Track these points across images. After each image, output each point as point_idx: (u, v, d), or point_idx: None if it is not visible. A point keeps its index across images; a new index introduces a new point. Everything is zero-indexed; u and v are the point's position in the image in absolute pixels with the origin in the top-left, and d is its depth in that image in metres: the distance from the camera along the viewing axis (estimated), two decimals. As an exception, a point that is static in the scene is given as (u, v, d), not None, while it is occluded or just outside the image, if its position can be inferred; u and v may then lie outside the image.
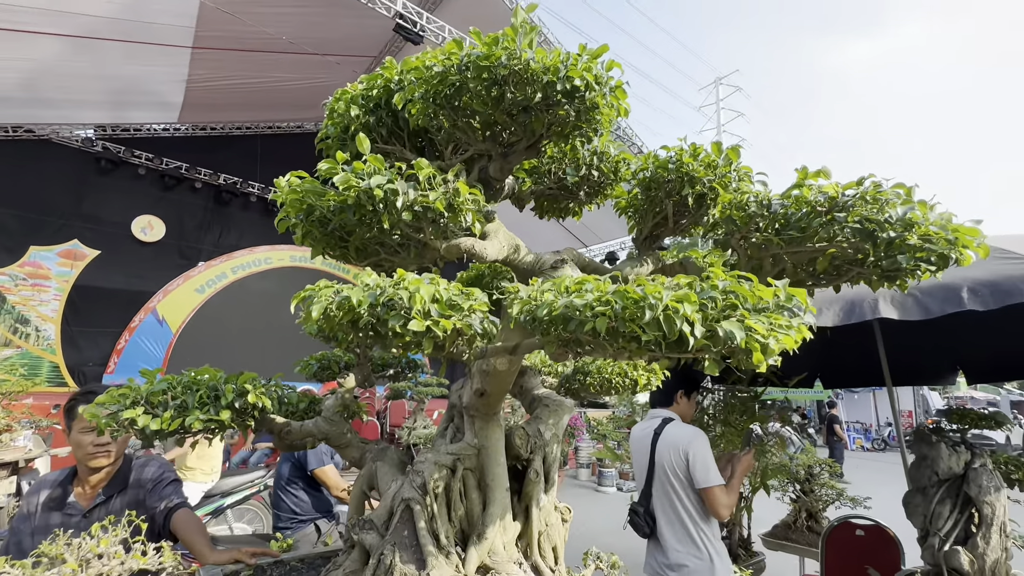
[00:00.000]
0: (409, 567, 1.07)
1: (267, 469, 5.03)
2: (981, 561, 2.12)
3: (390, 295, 0.74)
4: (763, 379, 3.94)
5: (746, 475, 2.50)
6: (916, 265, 0.92)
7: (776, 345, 0.65)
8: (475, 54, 0.95)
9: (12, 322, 11.73)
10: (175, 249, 11.91)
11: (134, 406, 1.06)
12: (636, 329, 0.63)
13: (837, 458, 12.17)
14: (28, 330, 11.93)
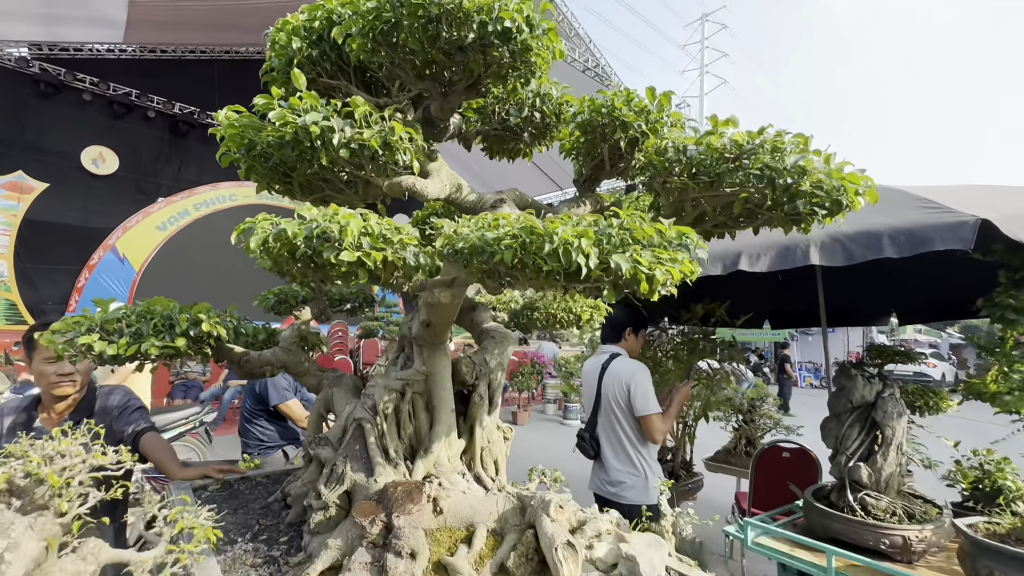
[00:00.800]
0: (359, 475, 1.19)
1: (202, 405, 5.13)
2: (878, 474, 2.43)
3: (323, 227, 0.80)
4: (715, 320, 4.17)
5: (683, 404, 2.75)
6: (813, 210, 1.02)
7: (662, 276, 0.75)
8: (410, -11, 0.95)
9: (-39, 257, 11.19)
10: (131, 183, 11.29)
11: (89, 333, 1.11)
12: (539, 260, 0.71)
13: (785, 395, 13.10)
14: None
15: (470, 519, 1.09)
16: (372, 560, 0.95)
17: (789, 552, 2.34)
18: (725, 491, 4.75)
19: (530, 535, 1.00)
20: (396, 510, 1.01)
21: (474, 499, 1.13)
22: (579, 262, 0.70)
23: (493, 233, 0.73)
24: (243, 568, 1.09)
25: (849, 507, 2.40)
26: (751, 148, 0.97)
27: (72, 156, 10.00)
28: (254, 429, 2.89)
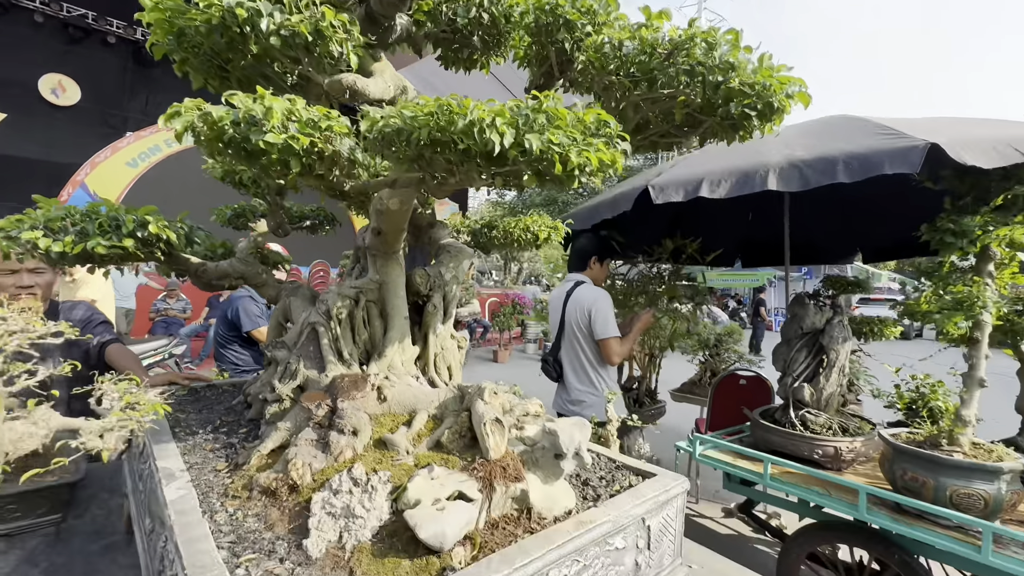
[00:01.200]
0: (312, 372, 1.26)
1: (171, 338, 5.19)
2: (819, 394, 2.59)
3: (249, 108, 0.81)
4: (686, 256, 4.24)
5: (643, 332, 2.87)
6: (745, 113, 1.04)
7: (577, 159, 0.78)
8: None
9: (-82, 193, 10.72)
10: (96, 116, 10.70)
11: (33, 230, 1.12)
12: (455, 138, 0.74)
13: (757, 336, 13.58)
14: (-61, 202, 10.97)
15: (413, 406, 1.17)
16: (317, 438, 1.03)
17: (732, 462, 2.53)
18: (688, 419, 5.02)
19: (465, 416, 1.08)
20: (342, 396, 1.08)
21: (418, 390, 1.21)
22: (493, 140, 0.72)
23: (411, 111, 0.75)
24: (202, 452, 1.17)
25: (790, 423, 2.58)
26: (683, 43, 0.97)
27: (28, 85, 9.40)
28: (228, 354, 2.96)
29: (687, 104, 1.10)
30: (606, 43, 1.02)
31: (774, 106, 1.04)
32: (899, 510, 1.99)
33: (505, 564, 0.77)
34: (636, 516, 1.00)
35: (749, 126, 1.12)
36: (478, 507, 0.87)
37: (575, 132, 0.76)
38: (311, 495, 0.89)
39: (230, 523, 0.87)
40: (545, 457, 0.99)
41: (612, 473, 1.19)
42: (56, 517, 1.45)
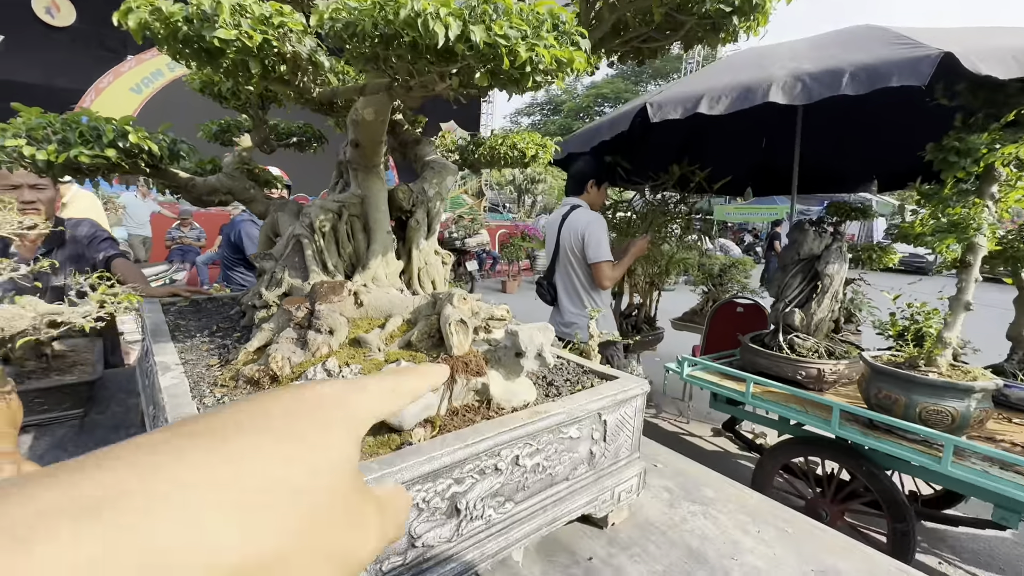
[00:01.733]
0: (296, 280, 1.32)
1: (170, 264, 5.35)
2: (810, 319, 2.63)
3: (199, 2, 0.80)
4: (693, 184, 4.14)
5: (636, 257, 2.89)
6: (721, 11, 0.99)
7: (527, 53, 0.76)
8: None
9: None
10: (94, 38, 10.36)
11: (16, 138, 1.15)
12: (399, 30, 0.73)
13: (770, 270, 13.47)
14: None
15: (388, 311, 1.24)
16: (297, 336, 1.11)
17: (718, 382, 2.63)
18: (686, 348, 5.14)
19: (434, 319, 1.15)
20: (320, 301, 1.15)
21: (394, 296, 1.27)
22: (437, 32, 0.71)
23: (356, 2, 0.73)
24: (198, 351, 1.26)
25: (778, 346, 2.64)
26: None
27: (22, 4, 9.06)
28: (235, 276, 3.07)
29: (663, 2, 1.05)
30: (575, -70, 0.96)
31: (752, 2, 0.99)
32: (871, 426, 2.09)
33: (459, 441, 0.86)
34: (592, 410, 1.08)
35: (729, 26, 1.07)
36: (439, 396, 0.94)
37: (524, 25, 0.74)
38: (289, 384, 0.98)
39: (216, 405, 0.96)
40: (507, 356, 1.05)
41: (579, 377, 1.26)
42: (79, 412, 1.60)
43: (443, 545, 0.85)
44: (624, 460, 1.21)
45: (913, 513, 2.11)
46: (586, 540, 1.17)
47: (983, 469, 1.75)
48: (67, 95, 12.54)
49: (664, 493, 1.42)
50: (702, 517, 1.32)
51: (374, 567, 0.76)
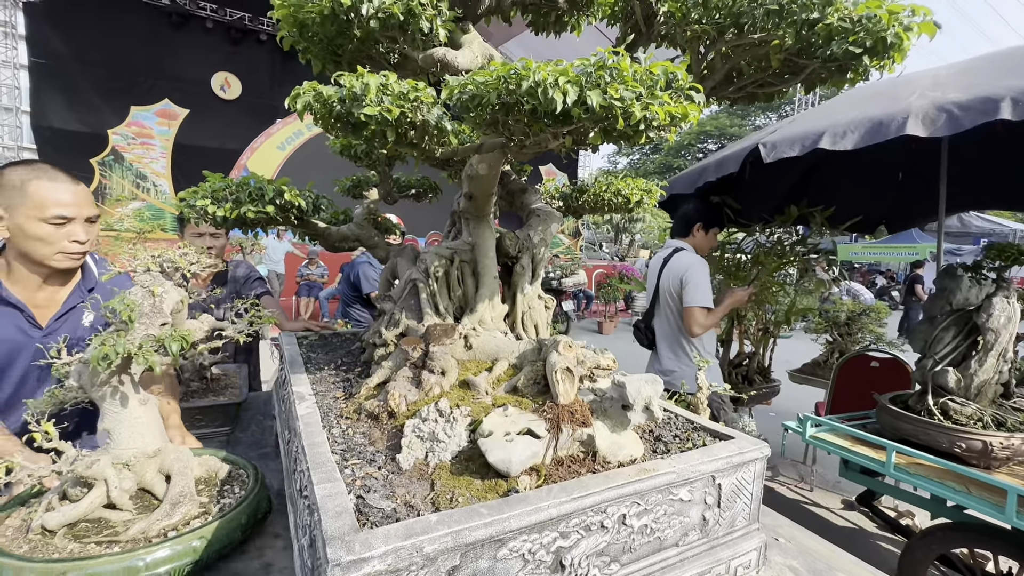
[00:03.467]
0: (411, 321, 1.42)
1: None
2: (969, 380, 2.24)
3: (351, 86, 0.94)
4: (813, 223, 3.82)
5: (735, 307, 2.68)
6: (851, 52, 0.94)
7: (641, 112, 0.78)
8: None
9: (133, 178, 13.45)
10: (252, 106, 12.37)
11: (204, 199, 1.40)
12: (521, 99, 0.79)
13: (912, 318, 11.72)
14: (147, 185, 13.66)
15: (495, 355, 1.28)
16: (412, 375, 1.19)
17: (850, 447, 2.32)
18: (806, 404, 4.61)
19: (540, 365, 1.16)
20: (434, 342, 1.22)
21: (500, 340, 1.31)
22: (556, 99, 0.76)
23: (482, 77, 0.81)
24: (326, 383, 1.40)
25: (927, 411, 2.28)
26: (770, -21, 0.90)
27: (203, 83, 11.16)
28: (352, 312, 3.38)
29: (782, 48, 1.02)
30: (688, -11, 0.98)
31: (887, 41, 0.92)
32: (1062, 517, 1.69)
33: (565, 493, 0.85)
34: (705, 472, 1.01)
35: (859, 67, 1.01)
36: (544, 444, 0.95)
37: (638, 86, 0.77)
38: (405, 421, 1.04)
39: (343, 436, 1.06)
40: (613, 407, 1.03)
41: (688, 433, 1.19)
42: (227, 429, 1.84)
43: (547, 602, 0.83)
44: (741, 530, 1.10)
45: None
46: (698, 617, 1.07)
47: None
48: (232, 155, 14.98)
49: (788, 573, 1.26)
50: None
51: (479, 615, 0.77)
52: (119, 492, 1.10)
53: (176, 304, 1.26)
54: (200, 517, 1.13)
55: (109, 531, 1.05)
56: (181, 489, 1.16)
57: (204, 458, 1.33)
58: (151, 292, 1.25)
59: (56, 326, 1.55)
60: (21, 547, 0.99)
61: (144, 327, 1.19)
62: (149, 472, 1.19)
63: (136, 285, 1.24)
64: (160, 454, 1.21)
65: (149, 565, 0.96)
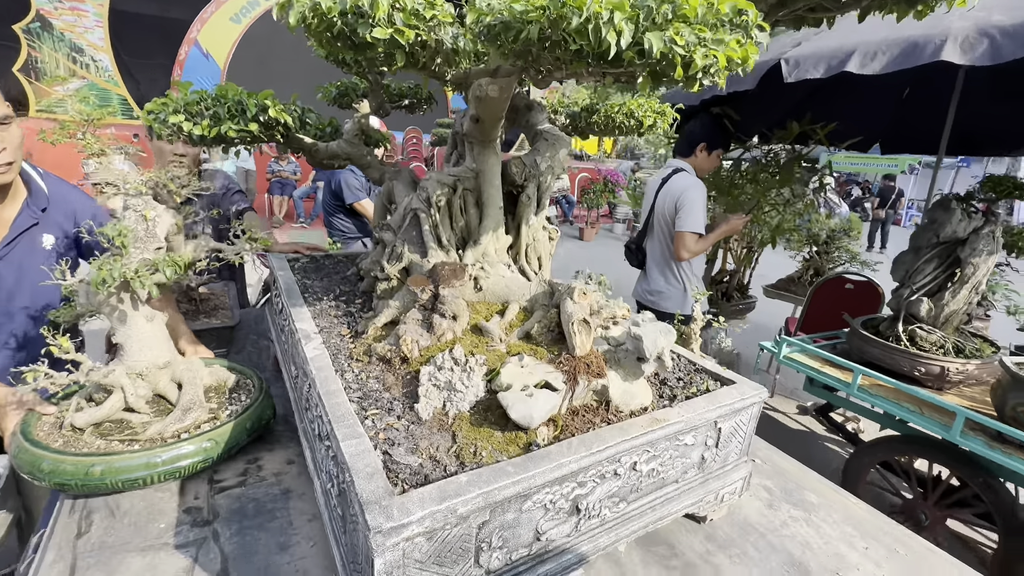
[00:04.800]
0: (415, 256, 1.37)
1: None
2: (939, 310, 2.36)
3: (355, 1, 0.78)
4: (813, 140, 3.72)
5: (728, 235, 2.68)
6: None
7: (703, 60, 0.68)
8: None
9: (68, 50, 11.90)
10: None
11: (176, 113, 1.24)
12: (567, 37, 0.67)
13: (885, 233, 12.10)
14: (86, 60, 12.15)
15: (506, 297, 1.26)
16: (422, 318, 1.16)
17: (819, 368, 2.48)
18: (777, 317, 4.85)
19: (554, 312, 1.15)
20: (443, 283, 1.18)
21: (511, 280, 1.28)
22: (609, 40, 0.65)
23: (521, 5, 0.68)
24: (328, 317, 1.37)
25: (895, 337, 2.42)
26: None
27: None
28: (335, 221, 3.25)
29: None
30: None
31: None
32: (999, 438, 1.90)
33: (583, 447, 0.88)
34: (709, 419, 1.06)
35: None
36: (562, 396, 0.96)
37: (703, 28, 0.66)
38: (419, 367, 1.04)
39: (357, 382, 1.05)
40: (628, 358, 1.04)
41: (691, 375, 1.23)
42: (223, 351, 1.82)
43: (563, 539, 0.90)
44: (732, 464, 1.19)
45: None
46: (684, 535, 1.20)
47: None
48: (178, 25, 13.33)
49: (763, 492, 1.40)
50: (804, 524, 1.29)
51: (504, 556, 0.83)
52: (135, 398, 1.18)
53: (171, 227, 1.22)
54: (209, 422, 1.21)
55: (130, 431, 1.15)
56: (191, 397, 1.22)
57: (214, 368, 1.39)
58: (143, 216, 1.17)
59: (6, 252, 1.45)
60: (56, 441, 1.08)
61: (139, 251, 1.15)
62: (162, 381, 1.25)
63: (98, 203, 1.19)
64: (171, 365, 1.24)
65: (165, 461, 1.08)
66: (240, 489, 1.20)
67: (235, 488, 1.20)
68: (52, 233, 1.42)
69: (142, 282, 1.08)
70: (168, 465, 1.08)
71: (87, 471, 1.02)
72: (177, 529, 1.07)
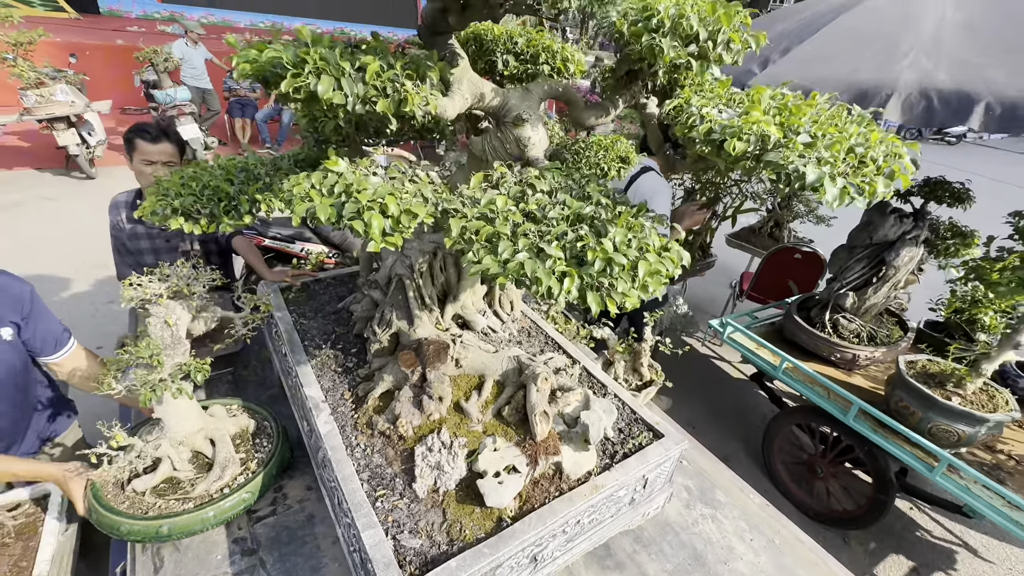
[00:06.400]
0: (402, 323, 1.57)
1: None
2: (862, 303, 2.71)
3: (349, 211, 0.92)
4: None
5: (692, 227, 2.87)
6: None
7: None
8: None
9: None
10: None
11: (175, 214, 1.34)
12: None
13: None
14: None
15: (481, 371, 1.50)
16: (414, 395, 1.41)
17: (754, 350, 2.86)
18: (737, 265, 5.20)
19: (520, 395, 1.42)
20: (429, 365, 1.42)
21: (485, 356, 1.52)
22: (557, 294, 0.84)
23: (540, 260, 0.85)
24: (330, 373, 1.60)
25: (822, 324, 2.78)
26: None
27: None
28: None
29: None
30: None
31: None
32: (882, 425, 2.34)
33: (540, 522, 1.20)
34: (639, 476, 1.39)
35: None
36: (525, 475, 1.27)
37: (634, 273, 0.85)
38: (413, 445, 1.32)
39: (364, 459, 1.33)
40: (578, 438, 1.34)
41: (630, 426, 1.54)
42: (229, 370, 2.05)
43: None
44: (657, 492, 1.56)
45: (896, 489, 2.48)
46: (619, 537, 1.59)
47: (966, 484, 2.04)
48: None
49: (684, 493, 1.80)
50: (711, 521, 1.71)
51: (482, 599, 1.18)
52: (180, 463, 1.43)
53: (188, 317, 1.39)
54: (243, 473, 1.48)
55: (181, 491, 1.42)
56: (225, 455, 1.48)
57: (236, 417, 1.62)
58: (166, 323, 1.33)
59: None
60: (123, 503, 1.36)
61: (170, 358, 1.33)
62: (198, 441, 1.50)
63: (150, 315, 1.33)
64: (203, 428, 1.49)
65: (216, 514, 1.38)
66: (273, 518, 1.52)
67: (269, 518, 1.52)
68: (5, 326, 1.54)
69: (178, 390, 1.28)
70: (217, 517, 1.38)
71: (156, 531, 1.31)
72: (231, 559, 1.40)
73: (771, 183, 3.63)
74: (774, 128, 0.90)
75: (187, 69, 7.09)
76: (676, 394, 3.60)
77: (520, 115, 1.18)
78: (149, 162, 2.04)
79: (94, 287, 4.32)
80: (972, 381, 2.10)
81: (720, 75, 1.12)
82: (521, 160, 1.25)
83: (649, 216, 1.02)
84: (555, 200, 1.00)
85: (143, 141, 2.04)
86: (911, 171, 0.98)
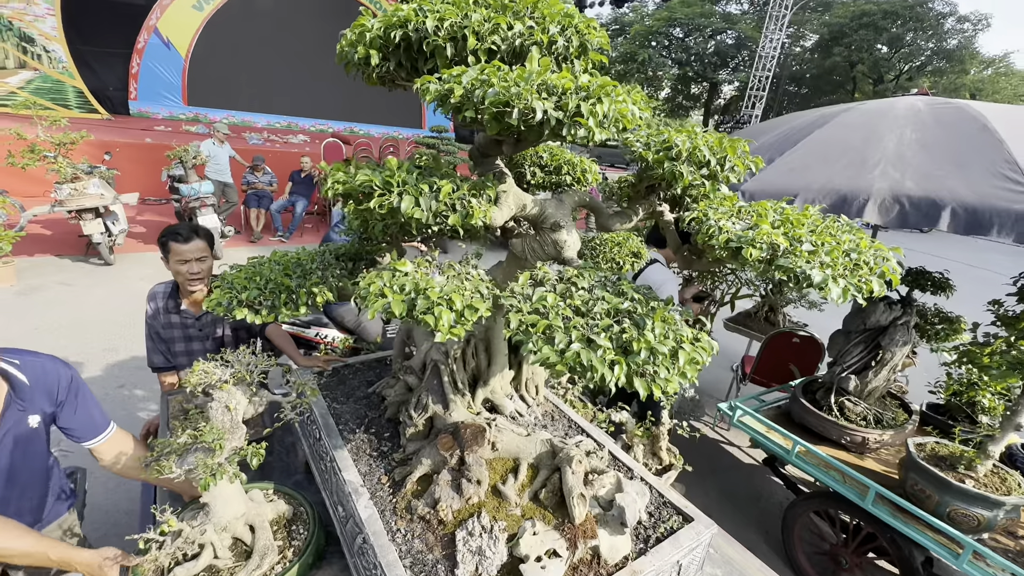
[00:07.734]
0: (438, 407, 1.65)
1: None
2: (864, 386, 2.81)
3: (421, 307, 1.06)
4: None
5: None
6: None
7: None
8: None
9: (17, 40, 11.24)
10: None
11: (240, 306, 1.47)
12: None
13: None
14: (37, 50, 11.52)
15: (516, 454, 1.57)
16: (452, 479, 1.46)
17: (765, 433, 2.90)
18: (736, 348, 5.33)
19: (556, 477, 1.47)
20: (467, 448, 1.48)
21: (519, 440, 1.59)
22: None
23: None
24: (365, 457, 1.65)
25: (828, 407, 2.86)
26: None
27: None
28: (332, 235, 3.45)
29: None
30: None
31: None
32: (900, 509, 2.35)
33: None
34: (674, 561, 1.41)
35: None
36: (565, 560, 1.29)
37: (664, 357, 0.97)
38: (453, 530, 1.35)
39: (405, 544, 1.35)
40: (614, 521, 1.38)
41: (659, 510, 1.58)
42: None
43: (568, 673, 1.24)
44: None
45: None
46: (653, 632, 1.56)
47: (994, 573, 2.02)
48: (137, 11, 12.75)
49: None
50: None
51: None
52: (223, 550, 1.42)
53: (244, 401, 1.46)
54: (281, 562, 1.47)
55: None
56: (265, 542, 1.48)
57: (274, 503, 1.63)
58: (227, 408, 1.41)
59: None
60: None
61: (228, 442, 1.39)
62: (239, 527, 1.50)
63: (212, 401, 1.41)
64: (245, 513, 1.50)
65: None
66: (304, 611, 1.49)
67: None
68: (36, 414, 1.57)
69: (234, 474, 1.34)
70: (257, 608, 1.36)
71: (201, 623, 1.28)
72: (261, 658, 1.36)
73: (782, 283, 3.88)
74: (782, 239, 1.07)
75: (212, 165, 7.61)
76: (689, 479, 3.55)
77: (557, 222, 1.37)
78: (184, 260, 2.20)
79: (104, 371, 4.33)
80: (982, 463, 2.15)
81: (727, 191, 1.33)
82: (557, 260, 1.42)
83: (676, 309, 1.16)
84: (595, 296, 1.15)
85: (176, 243, 2.21)
86: (899, 271, 1.15)
